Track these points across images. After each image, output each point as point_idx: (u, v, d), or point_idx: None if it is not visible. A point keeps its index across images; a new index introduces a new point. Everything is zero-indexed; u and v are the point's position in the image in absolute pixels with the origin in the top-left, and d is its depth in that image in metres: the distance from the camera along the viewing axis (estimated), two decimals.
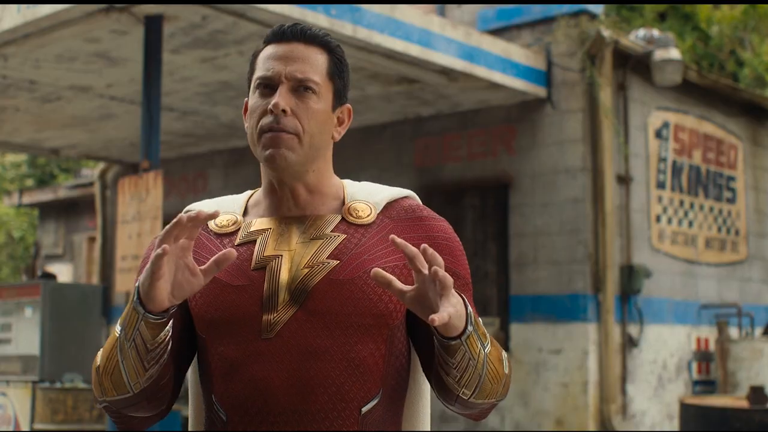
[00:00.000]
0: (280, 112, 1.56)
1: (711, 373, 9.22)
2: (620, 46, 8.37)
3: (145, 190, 6.27)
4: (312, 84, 1.59)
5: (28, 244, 19.15)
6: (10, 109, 9.19)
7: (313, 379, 1.51)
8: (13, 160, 19.57)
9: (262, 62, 1.63)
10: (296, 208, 1.63)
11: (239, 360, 1.54)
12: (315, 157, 1.62)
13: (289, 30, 1.63)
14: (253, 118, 1.61)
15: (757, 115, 10.57)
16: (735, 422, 5.29)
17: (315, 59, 1.61)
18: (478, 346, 1.48)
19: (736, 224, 10.19)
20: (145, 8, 6.25)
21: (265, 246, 1.59)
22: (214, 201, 1.73)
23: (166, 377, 1.55)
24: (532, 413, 8.36)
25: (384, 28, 6.98)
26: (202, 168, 11.39)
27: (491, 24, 8.91)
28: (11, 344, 6.89)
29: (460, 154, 9.10)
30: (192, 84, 8.23)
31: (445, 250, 1.63)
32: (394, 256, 1.59)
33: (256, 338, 1.53)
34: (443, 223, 1.68)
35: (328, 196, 1.66)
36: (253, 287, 1.56)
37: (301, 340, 1.52)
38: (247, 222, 1.65)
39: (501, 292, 8.78)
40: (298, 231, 1.60)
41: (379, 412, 1.57)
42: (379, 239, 1.60)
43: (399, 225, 1.64)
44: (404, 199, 1.70)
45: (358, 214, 1.63)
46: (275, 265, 1.57)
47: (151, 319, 1.44)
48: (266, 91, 1.60)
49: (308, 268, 1.55)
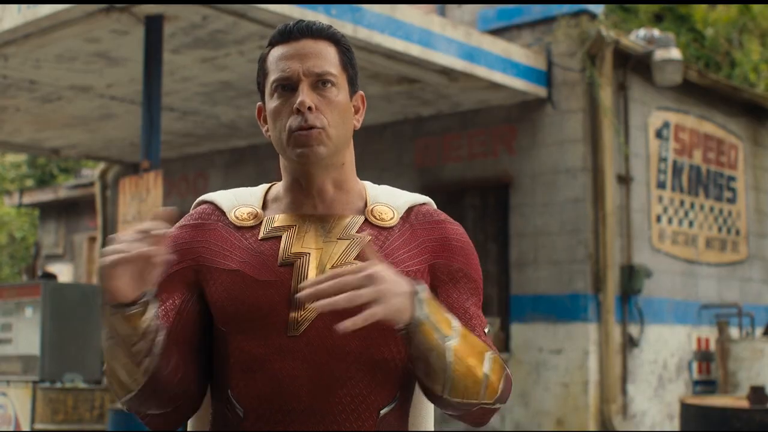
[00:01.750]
0: (307, 109, 1.55)
1: (711, 373, 9.22)
2: (620, 46, 8.37)
3: (145, 190, 6.27)
4: (330, 77, 1.60)
5: (29, 244, 19.16)
6: (11, 109, 9.19)
7: (337, 379, 1.51)
8: (13, 160, 19.57)
9: (274, 64, 1.61)
10: (322, 206, 1.63)
11: (262, 356, 1.53)
12: (342, 149, 1.63)
13: (295, 28, 1.62)
14: (279, 121, 1.59)
15: (757, 115, 10.57)
16: (735, 422, 5.29)
17: (327, 52, 1.61)
18: (435, 337, 1.45)
19: (737, 224, 10.19)
20: (146, 8, 6.25)
21: (292, 243, 1.58)
22: (231, 192, 1.71)
23: (168, 369, 1.50)
24: (532, 413, 8.36)
25: (384, 28, 6.98)
26: (203, 168, 11.39)
27: (491, 24, 8.91)
28: (11, 344, 6.89)
29: (461, 154, 9.10)
30: (192, 84, 8.23)
31: (459, 252, 1.66)
32: (415, 260, 1.61)
33: (281, 335, 1.52)
34: (458, 227, 1.71)
35: (353, 193, 1.66)
36: (280, 283, 1.55)
37: (327, 340, 1.52)
38: (269, 217, 1.64)
39: (501, 292, 8.78)
40: (323, 230, 1.60)
41: (396, 415, 1.58)
42: (401, 243, 1.62)
43: (418, 229, 1.66)
44: (423, 206, 1.72)
45: (381, 216, 1.64)
46: (303, 262, 1.56)
47: (121, 312, 1.41)
48: (286, 93, 1.59)
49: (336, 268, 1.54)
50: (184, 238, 1.64)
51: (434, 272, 1.63)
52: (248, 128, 9.98)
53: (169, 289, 1.60)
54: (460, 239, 1.68)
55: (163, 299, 1.59)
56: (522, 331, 8.50)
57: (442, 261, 1.64)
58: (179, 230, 1.66)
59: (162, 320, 1.54)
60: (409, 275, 1.55)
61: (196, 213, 1.68)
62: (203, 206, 1.70)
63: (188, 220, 1.68)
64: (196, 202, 1.72)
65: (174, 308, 1.59)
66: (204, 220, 1.66)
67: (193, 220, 1.67)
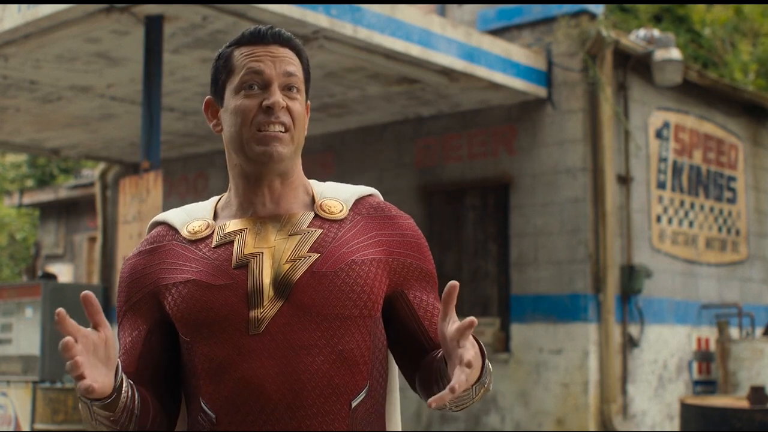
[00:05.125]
0: (280, 109, 1.60)
1: (711, 373, 9.22)
2: (620, 46, 8.38)
3: (145, 190, 6.27)
4: (299, 83, 1.66)
5: (29, 244, 19.16)
6: (11, 109, 9.19)
7: (304, 373, 1.52)
8: (13, 161, 19.58)
9: (243, 62, 1.64)
10: (270, 203, 1.66)
11: (227, 359, 1.54)
12: (298, 153, 1.68)
13: (268, 32, 1.66)
14: (242, 117, 1.62)
15: (757, 115, 10.57)
16: (735, 422, 5.29)
17: (295, 60, 1.67)
18: (482, 389, 1.52)
19: (737, 224, 10.19)
20: (146, 8, 6.25)
21: (244, 244, 1.60)
22: (182, 209, 1.75)
23: (151, 413, 1.56)
24: (532, 413, 8.36)
25: (384, 28, 6.98)
26: (203, 168, 11.39)
27: (492, 24, 8.91)
28: (12, 344, 6.89)
29: (461, 154, 9.10)
30: (192, 84, 8.24)
31: (415, 247, 1.70)
32: (370, 250, 1.63)
33: (243, 335, 1.54)
34: (410, 221, 1.75)
35: (299, 188, 1.70)
36: (237, 285, 1.56)
37: (289, 335, 1.53)
38: (220, 224, 1.66)
39: (501, 292, 8.78)
40: (275, 229, 1.62)
41: (367, 406, 1.58)
42: (355, 233, 1.65)
43: (370, 222, 1.68)
44: (369, 197, 1.74)
45: (330, 210, 1.67)
46: (257, 261, 1.58)
47: (100, 403, 1.44)
48: (253, 91, 1.62)
49: (290, 263, 1.57)
50: (141, 264, 1.68)
51: (394, 269, 1.65)
52: None
53: (132, 320, 1.64)
54: (414, 234, 1.71)
55: (128, 332, 1.64)
56: (522, 331, 8.50)
57: (401, 259, 1.67)
58: (135, 258, 1.69)
59: (128, 353, 1.60)
60: (366, 264, 1.60)
61: (150, 237, 1.72)
62: (157, 228, 1.73)
63: (143, 245, 1.71)
64: (149, 225, 1.76)
65: (140, 339, 1.63)
66: (158, 242, 1.69)
67: (147, 245, 1.70)
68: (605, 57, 8.24)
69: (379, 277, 1.62)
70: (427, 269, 1.71)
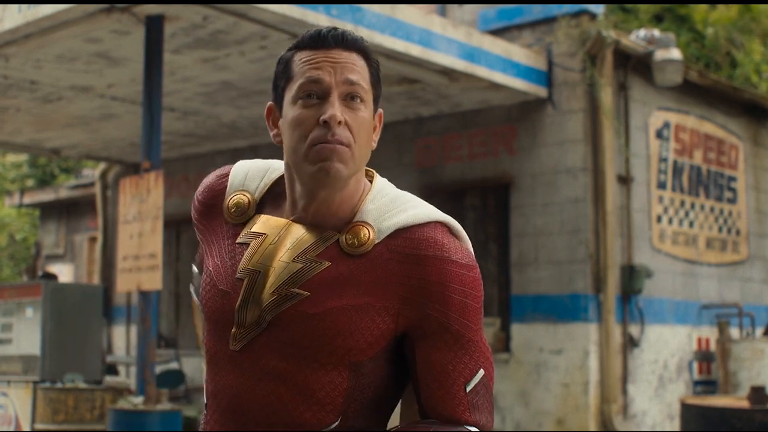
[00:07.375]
0: (337, 124, 1.46)
1: (712, 373, 9.21)
2: (621, 46, 8.38)
3: (146, 190, 6.27)
4: (362, 92, 1.52)
5: (29, 244, 19.17)
6: (11, 110, 9.19)
7: (267, 397, 1.49)
8: (13, 161, 19.58)
9: (301, 69, 1.50)
10: (311, 211, 1.53)
11: (216, 356, 1.56)
12: (360, 169, 1.54)
13: (329, 35, 1.51)
14: (299, 130, 1.48)
15: (757, 115, 10.57)
16: (736, 422, 5.29)
17: (360, 66, 1.53)
18: None
19: (737, 224, 10.19)
20: (146, 8, 6.25)
21: (251, 256, 1.53)
22: (244, 170, 1.63)
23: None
24: (532, 413, 8.36)
25: (385, 28, 6.99)
26: (203, 168, 11.39)
27: (492, 24, 8.91)
28: (12, 344, 6.90)
29: (461, 154, 9.10)
30: (193, 84, 8.24)
31: (435, 297, 1.46)
32: (375, 296, 1.47)
33: (227, 344, 1.54)
34: (451, 267, 1.47)
35: (345, 201, 1.54)
36: (233, 297, 1.53)
37: (261, 360, 1.49)
38: (254, 217, 1.58)
39: (502, 292, 8.78)
40: (289, 243, 1.51)
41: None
42: (366, 273, 1.47)
43: (396, 261, 1.48)
44: (422, 228, 1.50)
45: (356, 237, 1.49)
46: (251, 280, 1.52)
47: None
48: (312, 101, 1.48)
49: (277, 296, 1.49)
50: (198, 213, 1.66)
51: (407, 317, 1.47)
52: (249, 128, 9.98)
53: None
54: (440, 282, 1.46)
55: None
56: (522, 331, 8.50)
57: (417, 308, 1.46)
58: (203, 195, 1.65)
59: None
60: (363, 310, 1.46)
61: (213, 190, 1.64)
62: (222, 181, 1.64)
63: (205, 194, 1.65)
64: (222, 172, 1.66)
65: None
66: (214, 202, 1.63)
67: (209, 198, 1.64)
68: (606, 57, 8.24)
69: (377, 324, 1.46)
70: (444, 322, 1.46)
